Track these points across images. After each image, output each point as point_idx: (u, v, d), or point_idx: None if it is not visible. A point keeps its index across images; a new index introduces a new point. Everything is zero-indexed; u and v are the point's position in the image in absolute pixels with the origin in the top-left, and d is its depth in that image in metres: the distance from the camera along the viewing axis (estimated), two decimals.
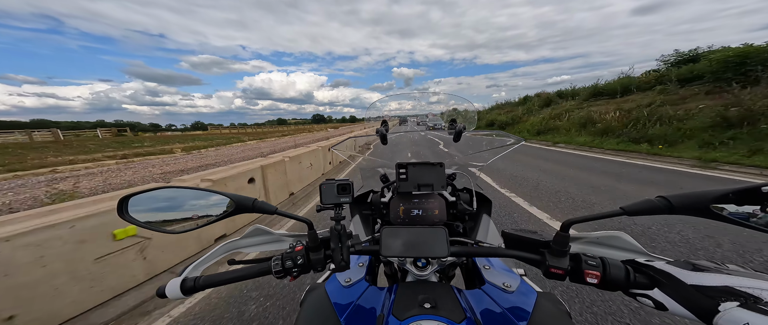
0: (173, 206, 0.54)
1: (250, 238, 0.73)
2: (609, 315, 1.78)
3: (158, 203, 0.53)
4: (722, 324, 0.36)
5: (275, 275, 0.56)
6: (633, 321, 1.71)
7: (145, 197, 0.51)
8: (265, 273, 0.57)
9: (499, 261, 0.85)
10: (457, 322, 0.50)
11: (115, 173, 9.33)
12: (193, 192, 0.55)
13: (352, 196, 0.61)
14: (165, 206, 0.53)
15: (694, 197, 0.41)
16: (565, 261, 0.51)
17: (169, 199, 0.54)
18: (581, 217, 0.48)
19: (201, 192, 0.55)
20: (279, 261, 0.56)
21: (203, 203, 0.55)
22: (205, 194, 0.55)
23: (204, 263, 0.63)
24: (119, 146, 19.84)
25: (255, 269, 0.57)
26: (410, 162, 1.00)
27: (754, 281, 0.38)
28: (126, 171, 9.67)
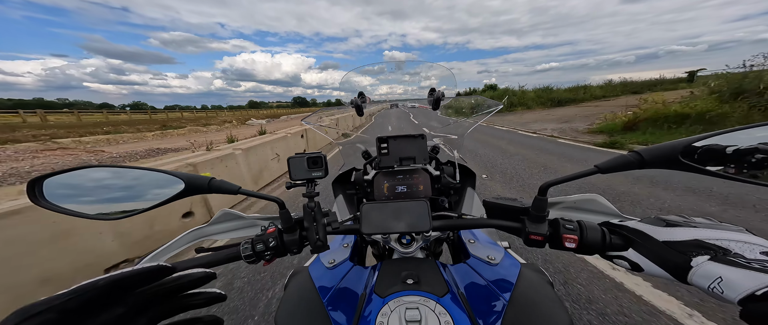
0: (106, 189, 0.45)
1: (218, 224, 0.68)
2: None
3: (84, 185, 0.43)
4: (696, 280, 0.36)
5: (246, 259, 0.52)
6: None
7: (66, 179, 0.42)
8: (233, 258, 0.53)
9: (484, 235, 0.85)
10: (440, 296, 0.50)
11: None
12: (133, 171, 0.46)
13: (325, 169, 0.57)
14: (94, 188, 0.44)
15: (664, 149, 0.42)
16: (544, 227, 0.51)
17: (101, 181, 0.44)
18: (558, 178, 0.47)
19: (144, 171, 0.46)
20: (249, 245, 0.53)
21: (147, 184, 0.47)
22: (148, 174, 0.46)
23: (166, 252, 0.58)
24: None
25: (222, 255, 0.52)
26: (390, 135, 0.96)
27: (721, 232, 0.38)
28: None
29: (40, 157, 8.42)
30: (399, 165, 0.95)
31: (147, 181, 0.46)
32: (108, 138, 14.64)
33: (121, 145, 11.95)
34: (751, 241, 0.36)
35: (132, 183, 0.46)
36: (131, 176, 0.46)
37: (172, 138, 14.66)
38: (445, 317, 0.46)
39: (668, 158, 0.41)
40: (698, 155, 0.40)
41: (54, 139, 13.30)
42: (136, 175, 0.46)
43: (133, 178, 0.46)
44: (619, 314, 1.58)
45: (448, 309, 0.47)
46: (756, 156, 0.37)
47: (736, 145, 0.38)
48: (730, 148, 0.38)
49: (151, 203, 0.46)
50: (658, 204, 3.10)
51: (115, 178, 0.45)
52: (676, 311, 1.58)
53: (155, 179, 0.46)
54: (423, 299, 0.49)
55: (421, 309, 0.47)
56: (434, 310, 0.47)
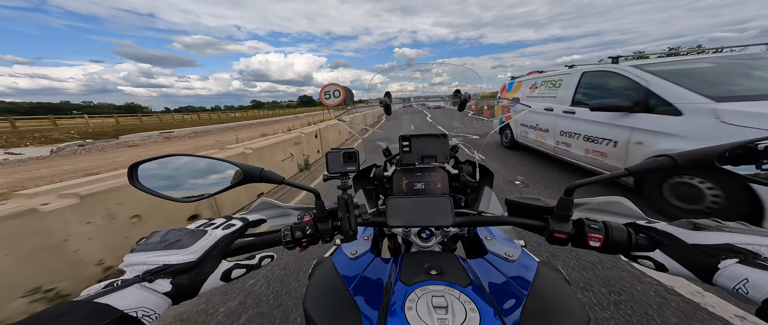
0: (183, 175, 0.54)
1: (258, 212, 0.73)
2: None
3: (168, 171, 0.53)
4: (721, 281, 0.37)
5: (285, 245, 0.57)
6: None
7: (155, 165, 0.51)
8: (275, 244, 0.58)
9: (500, 233, 0.86)
10: (463, 286, 0.52)
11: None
12: (203, 161, 0.55)
13: (358, 165, 0.61)
14: (175, 174, 0.53)
15: (698, 154, 0.41)
16: (568, 226, 0.52)
17: (178, 167, 0.54)
18: (585, 180, 0.48)
19: (211, 161, 0.55)
20: (288, 232, 0.56)
21: (213, 171, 0.55)
22: (214, 163, 0.55)
23: None
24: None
25: (265, 239, 0.58)
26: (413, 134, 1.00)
27: (754, 237, 0.38)
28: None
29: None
30: (420, 163, 0.97)
31: (213, 169, 0.55)
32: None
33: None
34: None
35: (202, 170, 0.55)
36: (202, 165, 0.55)
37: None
38: (469, 304, 0.47)
39: (703, 163, 0.40)
40: (734, 162, 0.39)
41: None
42: (206, 163, 0.55)
43: (204, 166, 0.55)
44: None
45: (472, 298, 0.49)
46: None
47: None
48: (761, 156, 0.38)
49: (217, 188, 0.54)
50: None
51: (190, 165, 0.54)
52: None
53: (220, 168, 0.55)
54: (448, 289, 0.51)
55: (446, 297, 0.48)
56: (459, 298, 0.48)
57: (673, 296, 1.68)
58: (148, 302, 0.34)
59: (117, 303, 0.31)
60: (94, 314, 0.29)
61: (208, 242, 0.45)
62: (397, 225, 0.62)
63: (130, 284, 0.34)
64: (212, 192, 0.54)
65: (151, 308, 0.34)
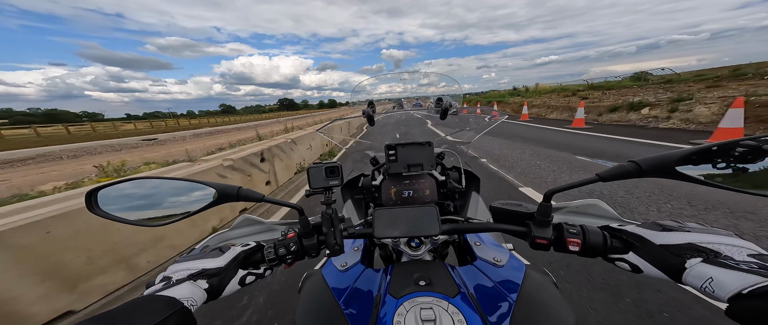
0: (151, 198, 0.50)
1: (239, 229, 0.71)
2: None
3: (133, 195, 0.49)
4: (690, 280, 0.39)
5: (269, 263, 0.56)
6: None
7: (117, 190, 0.47)
8: (259, 262, 0.57)
9: (489, 237, 0.87)
10: (452, 296, 0.52)
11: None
12: (171, 182, 0.51)
13: (341, 178, 0.60)
14: (141, 198, 0.50)
15: (660, 160, 0.43)
16: (548, 231, 0.53)
17: (145, 190, 0.50)
18: (561, 186, 0.49)
19: (181, 182, 0.52)
20: (272, 249, 0.56)
21: (184, 193, 0.52)
22: (185, 185, 0.52)
23: None
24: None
25: (250, 258, 0.56)
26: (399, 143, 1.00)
27: (712, 236, 0.41)
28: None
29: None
30: (407, 171, 0.97)
31: (184, 190, 0.51)
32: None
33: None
34: (738, 244, 0.39)
35: (172, 192, 0.51)
36: (171, 186, 0.51)
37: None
38: (457, 316, 0.47)
39: (665, 168, 0.43)
40: (693, 166, 0.41)
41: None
42: (176, 185, 0.51)
43: (173, 188, 0.51)
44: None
45: (460, 309, 0.49)
46: (744, 166, 0.39)
47: (730, 156, 0.40)
48: (724, 159, 0.40)
49: (189, 210, 0.51)
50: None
51: (157, 188, 0.50)
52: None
53: (192, 189, 0.51)
54: (436, 300, 0.51)
55: (435, 309, 0.48)
56: (447, 310, 0.49)
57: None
58: (195, 295, 0.45)
59: (176, 294, 0.42)
60: (167, 302, 0.40)
61: (231, 255, 0.54)
62: (385, 237, 0.62)
63: (183, 281, 0.45)
64: (183, 215, 0.51)
65: (196, 300, 0.44)
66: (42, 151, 15.69)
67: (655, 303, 1.68)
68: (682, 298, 1.68)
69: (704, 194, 3.21)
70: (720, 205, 3.02)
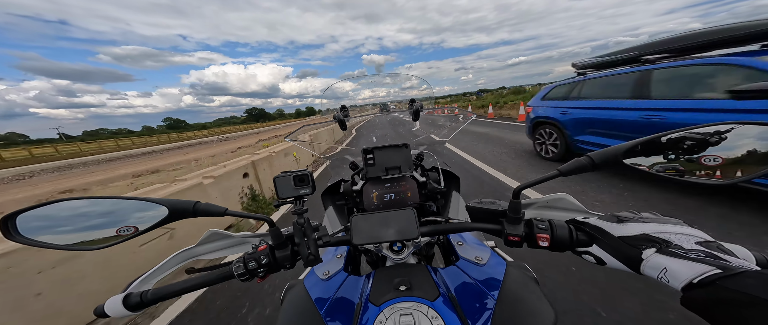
0: (84, 218, 0.43)
1: (207, 244, 0.67)
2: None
3: (61, 216, 0.42)
4: (647, 271, 0.39)
5: (239, 277, 0.53)
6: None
7: (40, 214, 0.40)
8: (226, 278, 0.54)
9: (471, 236, 0.87)
10: (432, 300, 0.52)
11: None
12: (110, 202, 0.45)
13: (312, 186, 0.58)
14: (74, 220, 0.43)
15: (609, 153, 0.44)
16: (520, 228, 0.53)
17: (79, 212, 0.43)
18: (527, 182, 0.50)
19: (123, 201, 0.45)
20: (241, 263, 0.53)
21: (128, 211, 0.45)
22: (128, 203, 0.45)
23: (156, 275, 0.58)
24: None
25: (214, 275, 0.53)
26: (375, 146, 0.98)
27: (663, 225, 0.41)
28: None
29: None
30: (385, 174, 0.97)
31: (128, 208, 0.45)
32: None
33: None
34: (687, 232, 0.40)
35: (112, 210, 0.45)
36: (109, 206, 0.45)
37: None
38: (437, 320, 0.47)
39: (613, 161, 0.44)
40: (644, 157, 0.43)
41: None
42: (116, 204, 0.45)
43: (112, 207, 0.45)
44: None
45: (440, 312, 0.49)
46: (690, 157, 0.41)
47: (678, 148, 0.42)
48: (673, 151, 0.42)
49: (135, 229, 0.45)
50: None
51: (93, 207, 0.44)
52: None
53: (137, 206, 0.45)
54: (416, 305, 0.50)
55: (414, 315, 0.48)
56: (427, 314, 0.48)
57: None
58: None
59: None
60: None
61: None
62: (364, 243, 0.59)
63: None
64: (128, 236, 0.45)
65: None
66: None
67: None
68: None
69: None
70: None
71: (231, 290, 2.09)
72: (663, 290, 1.60)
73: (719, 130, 0.39)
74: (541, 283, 0.63)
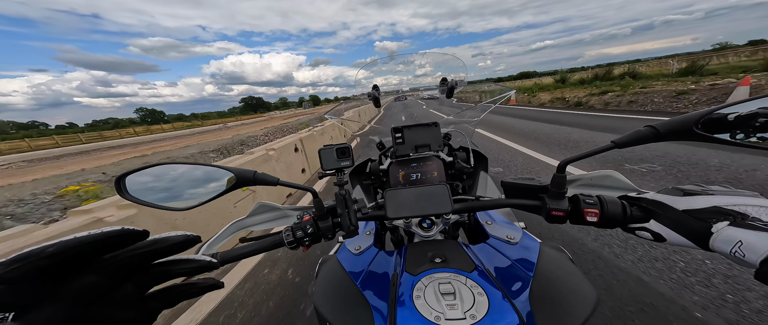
0: (174, 183, 0.52)
1: (256, 216, 0.72)
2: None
3: (158, 180, 0.51)
4: (718, 246, 0.36)
5: (288, 245, 0.57)
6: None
7: (143, 175, 0.50)
8: (278, 245, 0.58)
9: (500, 216, 0.87)
10: (469, 272, 0.52)
11: None
12: (193, 167, 0.53)
13: (352, 159, 0.60)
14: (165, 183, 0.52)
15: (679, 121, 0.41)
16: (564, 203, 0.52)
17: (169, 176, 0.52)
18: (575, 156, 0.47)
19: (201, 167, 0.53)
20: (290, 232, 0.57)
21: (205, 178, 0.54)
22: (205, 169, 0.54)
23: (217, 242, 0.63)
24: None
25: (268, 242, 0.58)
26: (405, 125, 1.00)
27: (738, 198, 0.39)
28: None
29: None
30: (414, 153, 0.97)
31: (204, 175, 0.53)
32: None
33: None
34: (766, 205, 0.37)
35: (196, 178, 0.53)
36: (193, 172, 0.53)
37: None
38: (476, 289, 0.47)
39: (683, 130, 0.41)
40: (712, 127, 0.39)
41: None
42: (197, 170, 0.53)
43: (194, 173, 0.53)
44: None
45: (479, 283, 0.49)
46: (764, 122, 0.36)
47: (746, 114, 0.37)
48: (741, 118, 0.38)
49: (211, 194, 0.53)
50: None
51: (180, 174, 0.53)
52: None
53: (211, 174, 0.53)
54: (454, 275, 0.51)
55: (453, 283, 0.48)
56: (466, 284, 0.49)
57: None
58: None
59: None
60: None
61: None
62: (397, 217, 0.62)
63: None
64: (208, 198, 0.53)
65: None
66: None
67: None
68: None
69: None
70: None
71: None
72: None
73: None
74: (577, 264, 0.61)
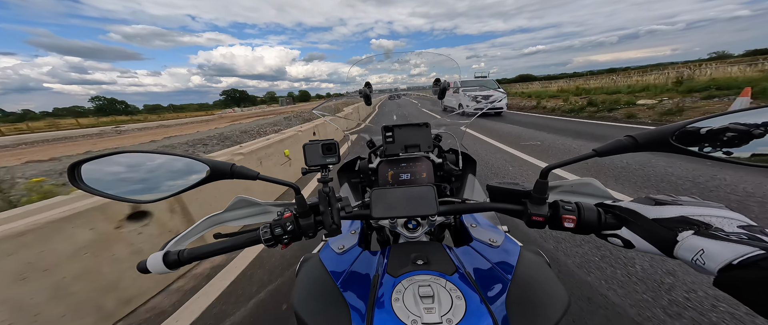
0: (139, 173, 0.47)
1: (234, 211, 0.69)
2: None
3: (119, 169, 0.46)
4: (681, 253, 0.38)
5: (265, 243, 0.55)
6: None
7: (103, 163, 0.45)
8: (254, 242, 0.56)
9: (485, 220, 0.88)
10: (449, 274, 0.53)
11: None
12: (162, 157, 0.48)
13: (338, 156, 0.59)
14: (128, 172, 0.47)
15: (656, 133, 0.43)
16: (544, 208, 0.53)
17: (132, 165, 0.47)
18: (558, 162, 0.49)
19: (172, 157, 0.49)
20: (268, 229, 0.55)
21: (175, 169, 0.49)
22: (176, 160, 0.49)
23: (187, 238, 0.60)
24: None
25: (243, 239, 0.55)
26: (396, 124, 0.99)
27: (705, 209, 0.41)
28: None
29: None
30: (404, 152, 0.97)
31: (175, 166, 0.49)
32: None
33: None
34: (729, 216, 0.39)
35: (161, 167, 0.48)
36: (160, 161, 0.49)
37: None
38: (455, 292, 0.48)
39: (660, 141, 0.42)
40: (686, 139, 0.41)
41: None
42: (165, 160, 0.49)
43: (162, 163, 0.49)
44: None
45: (458, 286, 0.50)
46: (732, 137, 0.39)
47: (717, 128, 0.39)
48: (712, 132, 0.40)
49: (180, 187, 0.48)
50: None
51: (145, 163, 0.48)
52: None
53: (183, 164, 0.49)
54: (434, 278, 0.51)
55: (433, 286, 0.49)
56: (445, 287, 0.49)
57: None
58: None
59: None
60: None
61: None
62: (383, 217, 0.61)
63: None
64: (174, 191, 0.48)
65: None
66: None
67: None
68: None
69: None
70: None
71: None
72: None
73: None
74: (553, 268, 0.63)
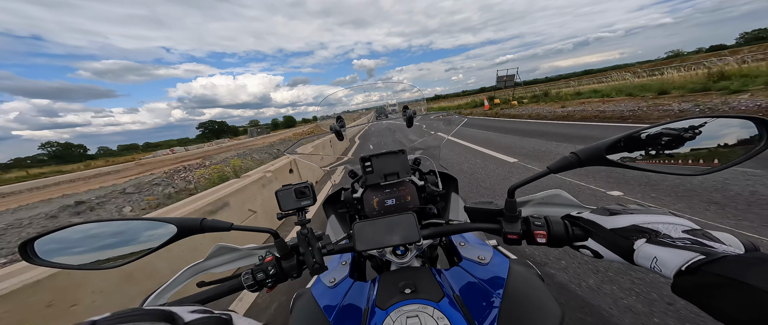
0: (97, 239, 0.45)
1: (215, 258, 0.68)
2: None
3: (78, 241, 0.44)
4: (640, 261, 0.40)
5: (248, 288, 0.55)
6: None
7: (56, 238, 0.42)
8: (236, 289, 0.56)
9: (473, 236, 0.88)
10: (437, 301, 0.52)
11: None
12: (121, 224, 0.47)
13: (313, 197, 0.59)
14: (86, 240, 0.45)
15: (593, 148, 0.45)
16: (517, 225, 0.54)
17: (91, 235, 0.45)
18: (520, 181, 0.51)
19: (132, 222, 0.47)
20: (250, 275, 0.55)
21: (139, 230, 0.48)
22: (138, 224, 0.47)
23: (169, 290, 0.59)
24: None
25: (225, 287, 0.55)
26: (373, 153, 1.00)
27: (652, 216, 0.42)
28: None
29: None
30: (384, 181, 0.98)
31: (138, 228, 0.47)
32: None
33: None
34: (674, 222, 0.41)
35: (124, 230, 0.47)
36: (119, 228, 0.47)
37: None
38: (443, 321, 0.47)
39: (597, 156, 0.45)
40: (621, 152, 0.44)
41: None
42: (126, 225, 0.47)
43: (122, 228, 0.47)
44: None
45: (446, 313, 0.49)
46: (668, 141, 0.42)
47: (656, 133, 0.43)
48: (653, 137, 0.43)
49: (147, 247, 0.47)
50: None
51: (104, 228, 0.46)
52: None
53: (147, 226, 0.47)
54: (421, 307, 0.51)
55: (420, 317, 0.49)
56: (433, 315, 0.49)
57: None
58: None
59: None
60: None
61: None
62: (367, 249, 0.60)
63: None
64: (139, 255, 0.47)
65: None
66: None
67: None
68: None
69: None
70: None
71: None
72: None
73: (693, 124, 0.41)
74: (545, 280, 0.63)
